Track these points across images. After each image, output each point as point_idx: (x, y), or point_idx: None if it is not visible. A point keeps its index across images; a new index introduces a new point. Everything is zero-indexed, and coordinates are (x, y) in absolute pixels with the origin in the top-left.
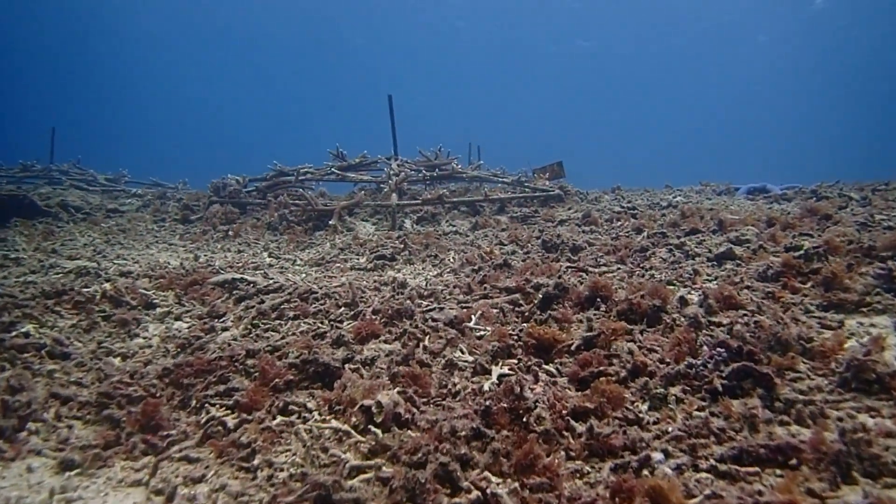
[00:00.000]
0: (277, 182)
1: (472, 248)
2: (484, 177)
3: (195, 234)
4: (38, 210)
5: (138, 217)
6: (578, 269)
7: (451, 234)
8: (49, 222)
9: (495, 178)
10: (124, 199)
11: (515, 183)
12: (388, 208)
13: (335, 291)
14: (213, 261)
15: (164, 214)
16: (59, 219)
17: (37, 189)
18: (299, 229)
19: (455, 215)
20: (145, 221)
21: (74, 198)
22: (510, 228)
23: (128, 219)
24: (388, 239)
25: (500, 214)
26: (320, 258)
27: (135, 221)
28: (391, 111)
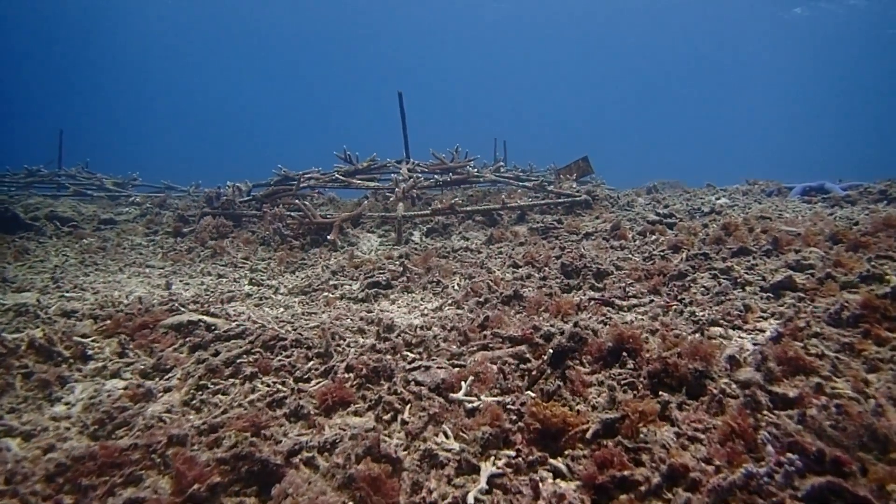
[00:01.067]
0: (277, 190)
1: (481, 270)
2: (504, 180)
3: (180, 252)
4: (21, 224)
5: (130, 230)
6: (602, 302)
7: (461, 252)
8: (30, 237)
9: (516, 182)
10: (122, 209)
11: (538, 187)
12: (394, 220)
13: (308, 338)
14: (187, 289)
15: (158, 226)
16: (41, 233)
17: (25, 200)
18: (297, 244)
19: (469, 226)
20: (136, 234)
21: (65, 208)
22: (528, 242)
23: (117, 232)
24: (388, 259)
25: (519, 224)
26: (307, 285)
27: (124, 235)
28: (402, 109)
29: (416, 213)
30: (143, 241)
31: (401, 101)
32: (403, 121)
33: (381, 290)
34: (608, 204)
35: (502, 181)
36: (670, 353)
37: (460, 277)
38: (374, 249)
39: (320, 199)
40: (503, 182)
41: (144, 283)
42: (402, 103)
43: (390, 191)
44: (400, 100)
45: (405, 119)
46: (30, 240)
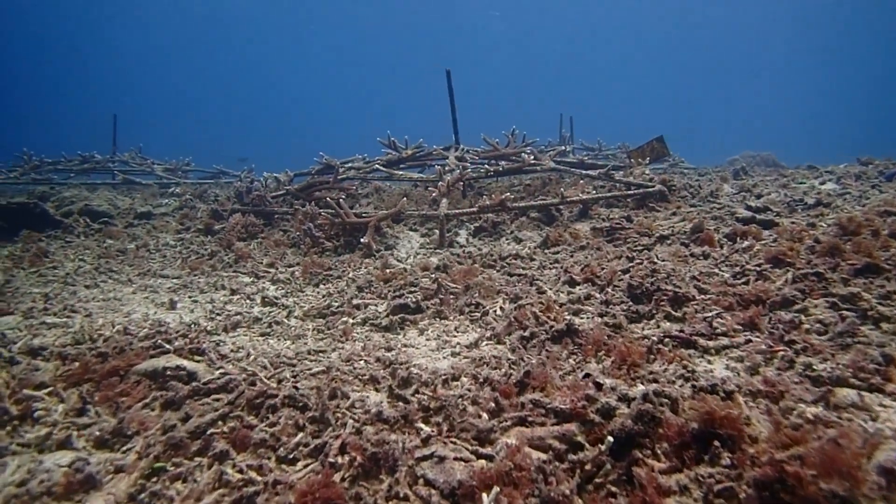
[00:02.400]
0: (313, 183)
1: (530, 290)
2: (565, 168)
3: (201, 258)
4: (50, 220)
5: (162, 226)
6: (682, 342)
7: (510, 260)
8: (57, 235)
9: (579, 169)
10: (162, 200)
11: (605, 176)
12: (437, 219)
13: (304, 394)
14: (193, 309)
15: (191, 222)
16: (70, 231)
17: (62, 193)
18: (329, 246)
19: (523, 223)
20: (168, 231)
21: (101, 201)
22: (590, 247)
23: (148, 229)
24: (423, 272)
25: (581, 220)
26: (327, 306)
27: (154, 233)
28: (450, 89)
29: (461, 211)
30: (172, 239)
31: (449, 80)
32: (452, 102)
33: (408, 316)
34: (688, 195)
35: (563, 169)
36: (789, 456)
37: (504, 299)
38: (414, 253)
39: (365, 188)
40: (565, 170)
41: (148, 300)
42: (451, 82)
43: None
44: (448, 79)
45: (454, 100)
46: (56, 239)
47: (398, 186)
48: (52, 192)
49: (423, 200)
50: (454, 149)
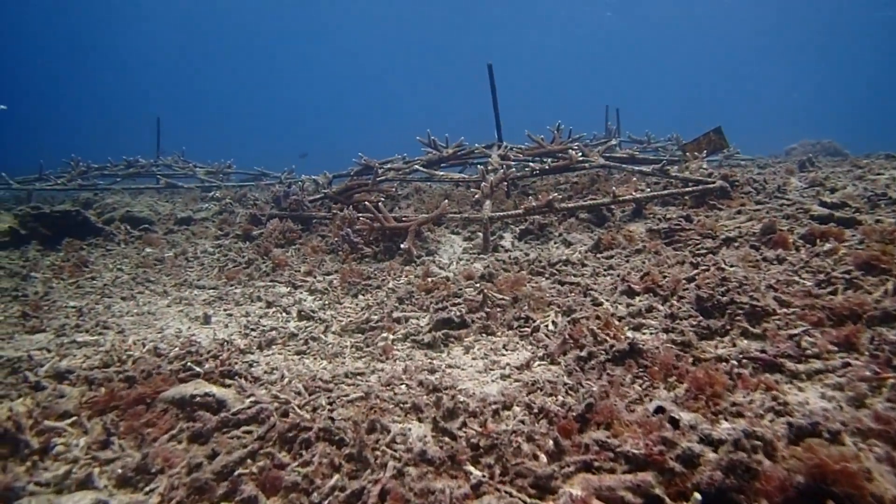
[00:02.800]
0: (351, 186)
1: (584, 301)
2: (616, 164)
3: (237, 266)
4: (91, 228)
5: (201, 232)
6: (763, 364)
7: (560, 266)
8: (98, 243)
9: (631, 165)
10: (203, 204)
11: (658, 171)
12: (480, 222)
13: (340, 427)
14: (227, 323)
15: (230, 227)
16: (111, 238)
17: (104, 200)
18: (368, 252)
19: (572, 225)
20: (207, 237)
21: (142, 207)
22: (647, 251)
23: (187, 236)
24: (467, 281)
25: (635, 221)
26: (365, 320)
27: (193, 239)
28: (492, 84)
29: (506, 213)
30: (210, 246)
31: (491, 74)
32: (494, 98)
33: (452, 331)
34: (752, 190)
35: (614, 165)
36: None
37: (556, 311)
38: (457, 258)
39: (405, 189)
40: (615, 167)
41: (183, 313)
42: (493, 77)
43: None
44: (490, 73)
45: (496, 96)
46: (96, 247)
47: (439, 187)
48: (96, 199)
49: (464, 201)
50: (497, 147)
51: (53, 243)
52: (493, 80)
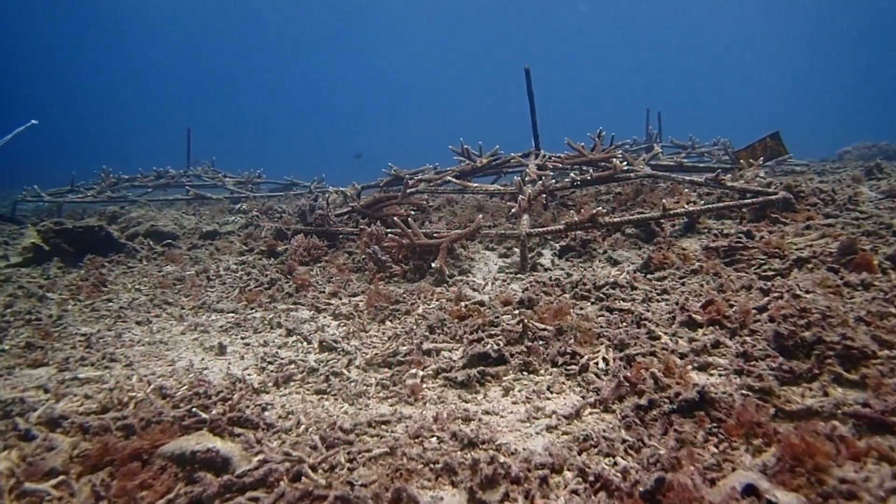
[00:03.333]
0: (380, 199)
1: (638, 333)
2: (664, 173)
3: (260, 286)
4: (114, 244)
5: (226, 247)
6: (869, 422)
7: (607, 289)
8: (120, 260)
9: (680, 175)
10: (229, 217)
11: (712, 181)
12: (516, 238)
13: (359, 497)
14: (244, 353)
15: (255, 242)
16: (133, 255)
17: (129, 213)
18: (397, 270)
19: (617, 241)
20: (231, 252)
21: (167, 221)
22: (705, 271)
23: (210, 252)
24: (504, 306)
25: (688, 236)
26: (392, 353)
27: (217, 255)
28: (529, 89)
29: (546, 229)
30: (234, 262)
31: (528, 79)
32: (532, 103)
33: (489, 368)
34: (819, 202)
35: (662, 175)
36: None
37: (607, 346)
38: (492, 279)
39: (436, 200)
40: (663, 176)
41: (197, 342)
42: (530, 82)
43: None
44: (527, 78)
45: (533, 101)
46: (118, 264)
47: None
48: (122, 213)
49: (499, 213)
50: (534, 155)
51: (76, 260)
52: (530, 84)
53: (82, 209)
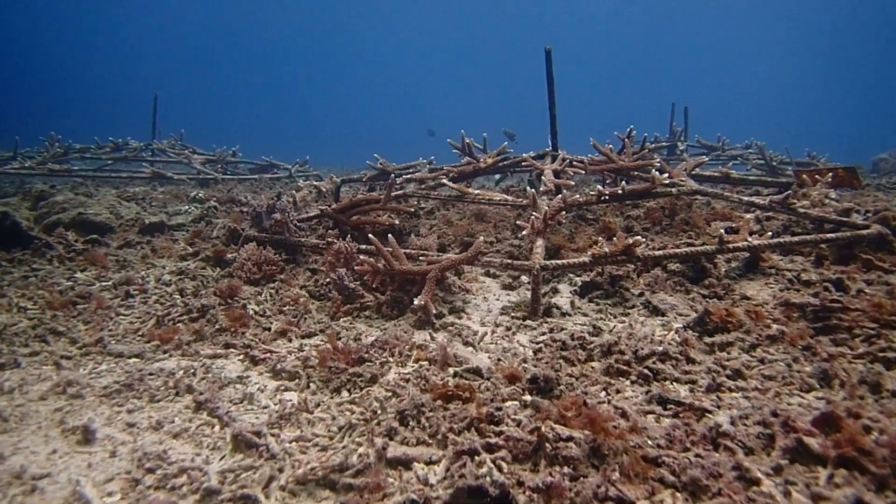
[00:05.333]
0: (357, 202)
1: (716, 459)
2: (712, 189)
3: (189, 313)
4: (21, 237)
5: (164, 249)
6: None
7: (653, 363)
8: (24, 259)
9: (735, 196)
10: (182, 207)
11: (778, 203)
12: (527, 271)
13: None
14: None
15: (203, 243)
16: (42, 253)
17: (54, 196)
18: (369, 302)
19: (659, 279)
20: (170, 256)
21: (101, 209)
22: (790, 341)
23: (144, 254)
24: (510, 388)
25: (749, 278)
26: (340, 463)
27: (150, 259)
28: (549, 73)
29: (565, 262)
30: (169, 272)
31: (549, 62)
32: (551, 92)
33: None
34: None
35: (714, 193)
36: None
37: (672, 489)
38: (492, 324)
39: (429, 203)
40: (715, 194)
41: (60, 415)
42: (551, 66)
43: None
44: (548, 61)
45: (553, 90)
46: (19, 264)
47: None
48: (52, 193)
49: (504, 224)
50: (551, 158)
51: None
52: (550, 69)
53: (19, 182)
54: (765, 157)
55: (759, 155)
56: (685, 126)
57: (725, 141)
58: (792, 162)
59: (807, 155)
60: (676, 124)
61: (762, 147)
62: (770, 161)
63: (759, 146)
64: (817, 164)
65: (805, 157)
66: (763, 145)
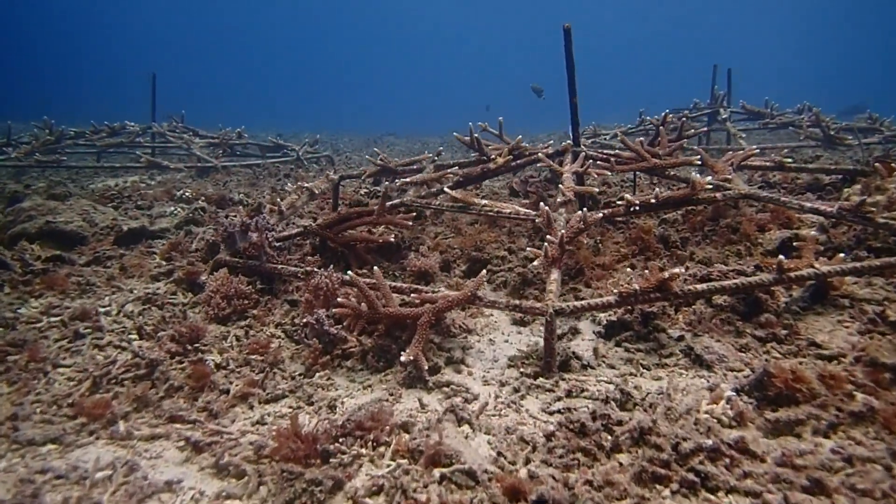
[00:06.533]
0: (347, 215)
1: None
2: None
3: (135, 370)
4: None
5: (135, 266)
6: None
7: (700, 463)
8: None
9: (795, 201)
10: (166, 208)
11: (849, 212)
12: (540, 314)
13: None
14: None
15: (181, 259)
16: None
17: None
18: (352, 350)
19: (702, 317)
20: (140, 276)
21: (73, 215)
22: (883, 422)
23: (109, 275)
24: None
25: (818, 314)
26: None
27: (118, 280)
28: (568, 54)
29: (585, 304)
30: (135, 297)
31: (568, 41)
32: (571, 75)
33: None
34: None
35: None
36: None
37: None
38: (496, 384)
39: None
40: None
41: None
42: (571, 45)
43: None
44: (567, 39)
45: (574, 72)
46: None
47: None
48: (25, 194)
49: (520, 230)
50: (571, 155)
51: None
52: (570, 49)
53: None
54: (820, 125)
55: (814, 122)
56: (728, 90)
57: (774, 106)
58: (853, 129)
59: (868, 117)
60: (718, 88)
61: (818, 113)
62: (827, 128)
63: (814, 112)
64: (882, 128)
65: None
66: (819, 111)
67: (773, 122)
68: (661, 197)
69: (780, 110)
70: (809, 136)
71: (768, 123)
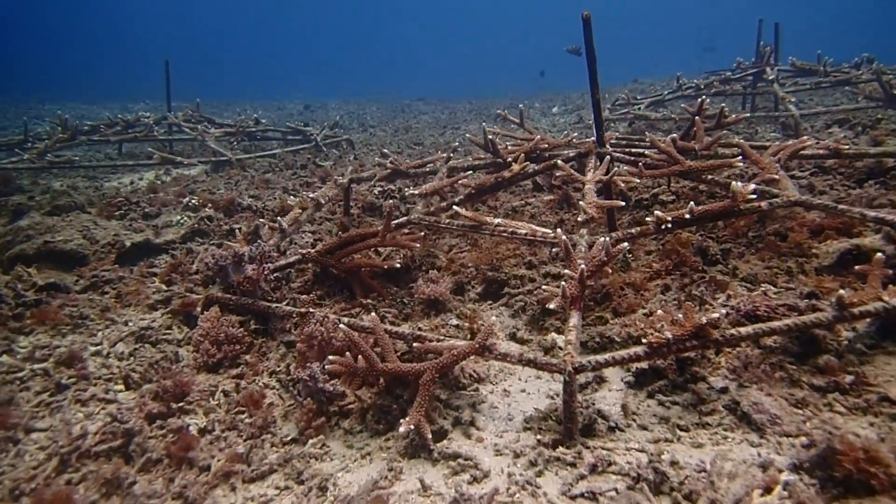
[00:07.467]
0: (350, 238)
1: None
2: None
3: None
4: None
5: (132, 294)
6: None
7: None
8: None
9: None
10: (174, 217)
11: None
12: (558, 371)
13: None
14: None
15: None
16: None
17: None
18: (352, 403)
19: (749, 362)
20: (137, 304)
21: (72, 233)
22: None
23: (105, 305)
24: None
25: (885, 351)
26: None
27: (113, 313)
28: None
29: (613, 358)
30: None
31: (587, 30)
32: (592, 69)
33: None
34: None
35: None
36: None
37: None
38: (511, 455)
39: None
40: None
41: None
42: (591, 36)
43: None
44: (586, 29)
45: (595, 66)
46: None
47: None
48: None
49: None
50: (595, 158)
51: None
52: (590, 39)
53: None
54: (881, 83)
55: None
56: (776, 45)
57: (828, 62)
58: None
59: None
60: (764, 44)
61: (880, 70)
62: (889, 88)
63: (875, 68)
64: None
65: None
66: (880, 66)
67: (825, 80)
68: (696, 211)
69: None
70: (868, 97)
71: (821, 82)
